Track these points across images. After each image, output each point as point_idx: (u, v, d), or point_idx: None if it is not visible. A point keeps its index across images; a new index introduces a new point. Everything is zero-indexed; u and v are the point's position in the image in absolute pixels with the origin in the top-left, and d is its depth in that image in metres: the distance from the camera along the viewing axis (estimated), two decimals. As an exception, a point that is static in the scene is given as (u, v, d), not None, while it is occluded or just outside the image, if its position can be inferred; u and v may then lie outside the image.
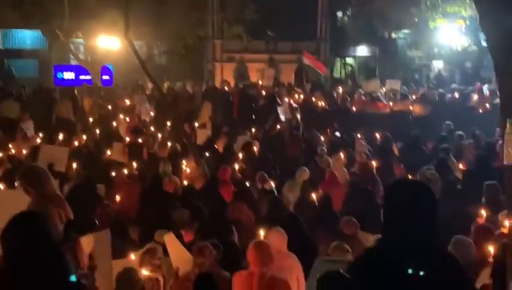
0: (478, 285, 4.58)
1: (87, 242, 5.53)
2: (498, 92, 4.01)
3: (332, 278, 2.61)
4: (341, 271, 2.64)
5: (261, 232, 6.36)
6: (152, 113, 16.71)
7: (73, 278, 3.22)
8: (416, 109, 15.47)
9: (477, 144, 11.80)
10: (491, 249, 5.41)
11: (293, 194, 9.51)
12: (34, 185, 5.46)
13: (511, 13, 3.60)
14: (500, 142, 10.81)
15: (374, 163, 10.40)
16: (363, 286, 2.70)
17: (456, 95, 16.86)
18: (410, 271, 2.83)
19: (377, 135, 13.16)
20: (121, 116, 15.57)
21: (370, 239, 5.90)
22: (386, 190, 3.23)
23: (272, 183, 9.56)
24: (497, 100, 14.27)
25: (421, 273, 2.84)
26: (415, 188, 3.11)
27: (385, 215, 3.09)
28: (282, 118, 14.69)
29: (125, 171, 10.20)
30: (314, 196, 8.59)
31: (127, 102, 17.78)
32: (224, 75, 23.78)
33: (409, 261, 2.88)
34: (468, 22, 21.74)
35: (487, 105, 15.59)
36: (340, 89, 19.11)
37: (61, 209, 5.46)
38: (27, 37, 32.97)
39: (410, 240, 2.92)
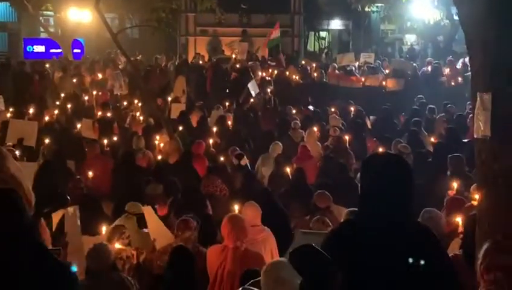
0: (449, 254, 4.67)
1: (56, 218, 5.50)
2: (470, 66, 4.06)
3: (305, 252, 2.62)
4: (313, 245, 2.65)
5: (235, 207, 6.37)
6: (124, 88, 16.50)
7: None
8: (389, 82, 15.57)
9: (449, 117, 11.94)
10: (459, 220, 5.52)
11: (266, 168, 9.53)
12: None
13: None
14: (471, 115, 11.04)
15: (347, 137, 10.47)
16: (338, 259, 2.73)
17: (429, 68, 16.98)
18: (410, 260, 2.86)
19: (351, 109, 13.23)
20: (93, 90, 15.34)
21: (343, 212, 5.95)
22: (362, 163, 3.25)
23: (246, 158, 9.57)
24: (469, 74, 14.46)
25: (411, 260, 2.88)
26: (390, 161, 3.13)
27: (361, 188, 3.12)
28: (253, 92, 14.66)
29: (96, 146, 10.09)
30: (288, 169, 8.62)
31: (99, 76, 17.49)
32: (198, 49, 23.59)
33: (384, 233, 2.92)
34: (441, -5, 21.87)
35: (459, 79, 15.75)
36: (314, 63, 19.10)
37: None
38: (-5, 9, 32.14)
39: (385, 213, 2.95)
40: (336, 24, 28.30)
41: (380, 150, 8.28)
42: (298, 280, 2.62)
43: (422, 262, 2.89)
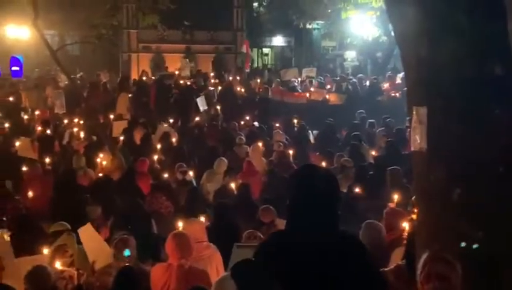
0: (391, 266, 4.77)
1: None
2: (406, 81, 4.20)
3: (244, 267, 2.63)
4: (251, 259, 2.67)
5: (180, 223, 6.32)
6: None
7: None
8: (331, 97, 15.88)
9: (388, 131, 12.25)
10: (403, 228, 5.65)
11: (211, 184, 9.51)
12: None
13: (416, 4, 3.75)
14: (409, 129, 11.37)
15: (290, 151, 10.57)
16: (269, 269, 2.76)
17: (368, 84, 17.41)
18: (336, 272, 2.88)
19: (294, 124, 13.39)
20: (31, 109, 14.98)
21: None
22: (289, 176, 3.31)
23: (191, 174, 9.53)
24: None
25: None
26: (315, 174, 3.18)
27: (288, 201, 3.16)
28: (201, 108, 14.64)
29: (37, 165, 9.81)
30: (233, 185, 8.62)
31: (39, 94, 17.08)
32: (141, 66, 23.41)
33: (309, 244, 2.96)
34: (378, 13, 22.48)
35: (398, 93, 16.21)
36: (258, 80, 19.26)
37: None
38: None
39: (311, 223, 2.99)
40: (279, 41, 28.68)
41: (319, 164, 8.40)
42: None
43: (347, 273, 2.94)
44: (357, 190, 7.85)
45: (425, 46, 3.74)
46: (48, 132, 12.10)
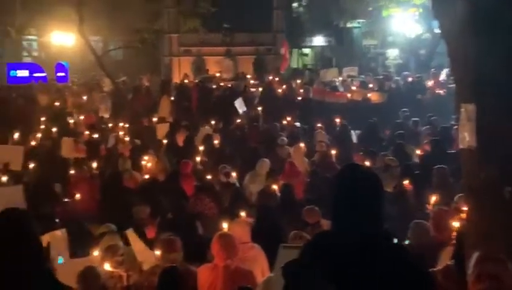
0: (439, 266, 4.69)
1: (44, 242, 5.42)
2: (453, 78, 4.13)
3: (294, 267, 2.63)
4: (302, 259, 2.67)
5: (224, 225, 6.35)
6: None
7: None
8: (373, 96, 15.69)
9: (433, 129, 12.05)
10: (450, 229, 5.55)
11: (254, 185, 9.53)
12: None
13: (464, -1, 3.67)
14: (456, 127, 11.15)
15: (333, 152, 10.50)
16: (314, 269, 2.74)
17: (411, 81, 17.16)
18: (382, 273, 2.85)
19: (336, 124, 13.30)
20: (76, 114, 15.32)
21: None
22: (333, 176, 3.26)
23: (234, 175, 9.57)
24: (452, 85, 14.63)
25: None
26: (360, 174, 3.14)
27: (333, 200, 3.13)
28: (240, 110, 14.70)
29: (84, 168, 10.02)
30: (275, 186, 8.61)
31: (84, 98, 17.47)
32: (182, 69, 23.65)
33: (353, 244, 2.93)
34: (421, 10, 22.15)
35: (441, 91, 15.93)
36: (298, 80, 19.21)
37: None
38: (-23, 35, 31.99)
39: (352, 224, 2.96)
40: (319, 41, 28.50)
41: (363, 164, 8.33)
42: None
43: (393, 274, 2.89)
44: (406, 182, 7.76)
45: (474, 42, 3.67)
46: (95, 136, 12.34)
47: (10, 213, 3.06)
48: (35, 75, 23.89)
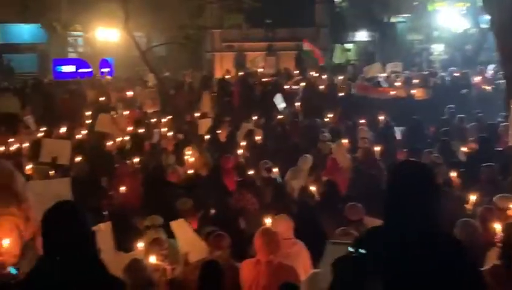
0: (487, 266, 4.60)
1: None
2: (503, 73, 4.02)
3: (344, 263, 2.61)
4: (354, 254, 2.66)
5: (267, 220, 6.36)
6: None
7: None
8: (418, 92, 15.42)
9: (480, 126, 11.78)
10: (496, 229, 5.43)
11: (296, 181, 9.50)
12: None
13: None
14: (503, 124, 10.89)
15: (376, 148, 10.38)
16: (366, 265, 2.72)
17: (457, 77, 16.80)
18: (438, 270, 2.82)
19: (379, 120, 13.13)
20: (120, 109, 15.55)
21: (377, 224, 5.87)
22: (388, 172, 3.24)
23: (276, 171, 9.56)
24: (499, 82, 14.30)
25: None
26: (416, 170, 3.10)
27: (386, 195, 3.10)
28: (279, 106, 14.67)
29: (127, 163, 10.16)
30: (314, 187, 8.54)
31: (129, 94, 17.73)
32: (224, 65, 23.75)
33: (409, 241, 2.89)
34: (468, 4, 21.66)
35: (489, 87, 15.55)
36: (341, 76, 19.03)
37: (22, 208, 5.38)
38: (25, 31, 32.80)
39: (409, 219, 2.92)
40: (362, 36, 28.20)
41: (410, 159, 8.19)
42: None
43: (449, 272, 2.84)
44: (454, 174, 7.62)
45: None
46: (140, 130, 12.53)
47: (64, 205, 3.14)
48: (81, 70, 24.40)
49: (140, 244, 5.82)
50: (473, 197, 6.84)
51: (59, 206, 3.11)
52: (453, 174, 7.94)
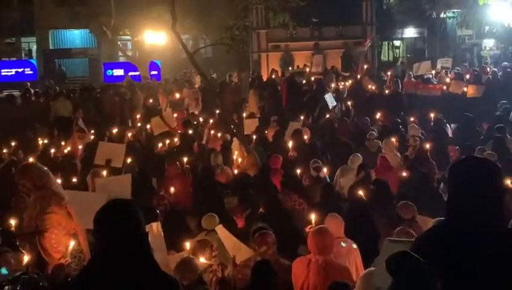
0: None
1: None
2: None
3: (401, 258, 2.56)
4: (409, 251, 2.60)
5: (317, 219, 6.31)
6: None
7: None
8: (469, 90, 15.02)
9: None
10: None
11: (345, 179, 9.41)
12: (32, 181, 5.62)
13: None
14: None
15: (427, 146, 10.18)
16: (430, 262, 2.66)
17: (510, 72, 16.31)
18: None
19: (430, 117, 12.87)
20: (169, 109, 15.75)
21: (429, 223, 5.76)
22: (449, 167, 3.16)
23: (325, 170, 9.49)
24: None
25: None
26: (479, 164, 3.03)
27: (450, 192, 3.03)
28: (330, 105, 14.56)
29: (176, 164, 10.27)
30: (361, 192, 8.41)
31: (177, 96, 17.96)
32: (270, 65, 23.77)
33: (475, 237, 2.82)
34: (520, -3, 21.01)
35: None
36: (389, 72, 18.78)
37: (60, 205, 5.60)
38: (76, 37, 33.76)
39: (475, 216, 2.85)
40: (410, 32, 27.77)
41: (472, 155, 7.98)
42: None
43: None
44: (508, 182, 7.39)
45: None
46: (189, 132, 12.68)
47: (119, 203, 3.16)
48: (130, 74, 24.90)
49: (190, 245, 5.86)
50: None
51: (114, 205, 3.13)
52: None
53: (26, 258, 4.98)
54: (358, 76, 18.44)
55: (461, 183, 2.95)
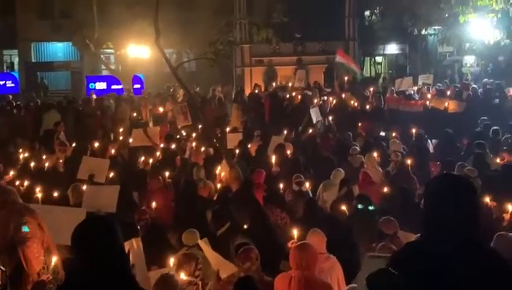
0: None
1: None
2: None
3: (380, 276, 2.57)
4: (389, 268, 2.62)
5: (299, 234, 6.30)
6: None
7: None
8: (450, 105, 15.19)
9: (515, 138, 11.56)
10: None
11: (328, 193, 9.44)
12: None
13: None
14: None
15: (409, 161, 10.26)
16: (407, 279, 2.67)
17: (490, 89, 16.55)
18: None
19: (412, 133, 12.97)
20: (154, 126, 15.71)
21: (411, 238, 5.78)
22: (426, 184, 3.19)
23: (307, 185, 9.51)
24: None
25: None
26: (455, 181, 3.07)
27: (425, 209, 3.06)
28: (314, 119, 14.62)
29: (159, 178, 10.22)
30: (344, 207, 8.44)
31: (160, 110, 17.92)
32: (254, 79, 23.86)
33: (451, 253, 2.84)
34: (499, 15, 21.32)
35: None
36: (371, 88, 18.92)
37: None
38: (58, 50, 33.58)
39: (450, 233, 2.88)
40: (392, 48, 28.08)
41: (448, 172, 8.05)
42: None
43: (487, 282, 2.78)
44: (487, 200, 7.46)
45: None
46: (172, 146, 12.63)
47: (98, 219, 3.14)
48: (113, 87, 24.81)
49: (175, 258, 5.81)
50: (510, 208, 6.68)
51: (93, 221, 3.11)
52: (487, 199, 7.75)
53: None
54: (340, 90, 18.55)
55: (436, 199, 2.98)
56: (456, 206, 2.90)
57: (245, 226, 7.33)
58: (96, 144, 12.94)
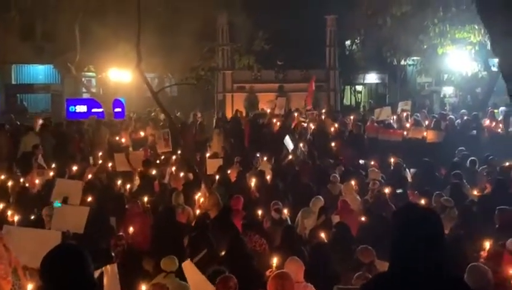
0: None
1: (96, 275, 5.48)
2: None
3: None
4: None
5: (277, 262, 6.29)
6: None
7: None
8: (429, 134, 15.37)
9: (491, 169, 11.69)
10: (508, 274, 5.35)
11: (307, 220, 9.44)
12: None
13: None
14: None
15: (387, 190, 10.32)
16: None
17: (467, 120, 16.80)
18: None
19: (390, 162, 13.08)
20: (132, 148, 15.65)
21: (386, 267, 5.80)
22: (392, 215, 3.22)
23: (286, 212, 9.50)
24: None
25: None
26: (420, 214, 3.08)
27: (392, 238, 3.08)
28: (289, 148, 14.70)
29: (137, 203, 10.15)
30: (323, 234, 8.45)
31: (142, 134, 17.86)
32: (235, 105, 23.97)
33: (417, 283, 2.86)
34: (477, 48, 21.77)
35: (499, 130, 15.50)
36: (351, 116, 19.12)
37: None
38: (39, 72, 33.37)
39: (416, 265, 2.90)
40: (372, 78, 28.47)
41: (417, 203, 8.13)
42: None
43: None
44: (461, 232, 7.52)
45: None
46: (151, 171, 12.56)
47: (67, 249, 3.10)
48: (94, 110, 24.65)
49: (143, 288, 5.75)
50: (486, 243, 6.75)
51: (62, 250, 3.08)
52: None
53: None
54: (320, 113, 18.72)
55: (402, 230, 3.00)
56: (420, 236, 2.91)
57: (222, 253, 7.28)
58: (75, 168, 12.82)
